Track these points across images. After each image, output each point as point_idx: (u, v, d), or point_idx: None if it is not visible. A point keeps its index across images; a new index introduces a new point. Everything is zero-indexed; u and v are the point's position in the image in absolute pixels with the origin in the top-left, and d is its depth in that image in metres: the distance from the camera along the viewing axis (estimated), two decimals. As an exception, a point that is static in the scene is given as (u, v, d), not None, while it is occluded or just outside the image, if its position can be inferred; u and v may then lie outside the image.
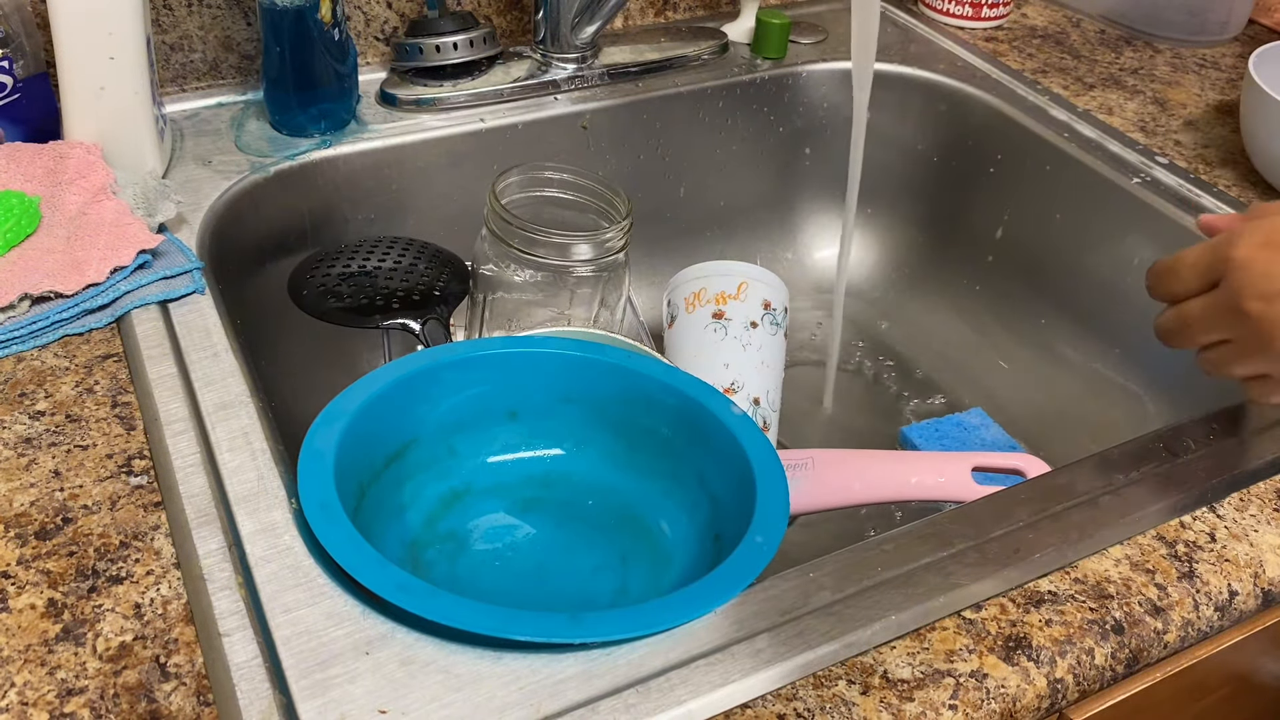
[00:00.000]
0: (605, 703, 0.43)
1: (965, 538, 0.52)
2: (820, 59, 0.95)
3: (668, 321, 0.80)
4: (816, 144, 0.97)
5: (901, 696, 0.45)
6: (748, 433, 0.56)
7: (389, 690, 0.43)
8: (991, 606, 0.49)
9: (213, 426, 0.54)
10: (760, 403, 0.74)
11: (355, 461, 0.53)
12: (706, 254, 0.93)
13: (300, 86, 0.76)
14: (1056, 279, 0.87)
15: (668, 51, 0.91)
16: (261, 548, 0.48)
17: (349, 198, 0.80)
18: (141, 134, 0.69)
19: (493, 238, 0.72)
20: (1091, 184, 0.83)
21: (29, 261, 0.62)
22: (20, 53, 0.70)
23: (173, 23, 0.80)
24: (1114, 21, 1.03)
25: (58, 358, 0.58)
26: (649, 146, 0.91)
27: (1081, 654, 0.48)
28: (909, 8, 1.04)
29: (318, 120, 0.78)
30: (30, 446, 0.53)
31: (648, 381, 0.60)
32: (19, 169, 0.67)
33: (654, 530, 0.58)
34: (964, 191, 0.94)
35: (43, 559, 0.47)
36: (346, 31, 0.78)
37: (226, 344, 0.59)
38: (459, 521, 0.57)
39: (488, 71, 0.86)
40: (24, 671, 0.43)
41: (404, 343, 0.72)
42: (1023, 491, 0.55)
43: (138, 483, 0.51)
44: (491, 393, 0.60)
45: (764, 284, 0.78)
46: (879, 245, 0.99)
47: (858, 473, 0.64)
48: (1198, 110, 0.90)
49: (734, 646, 0.46)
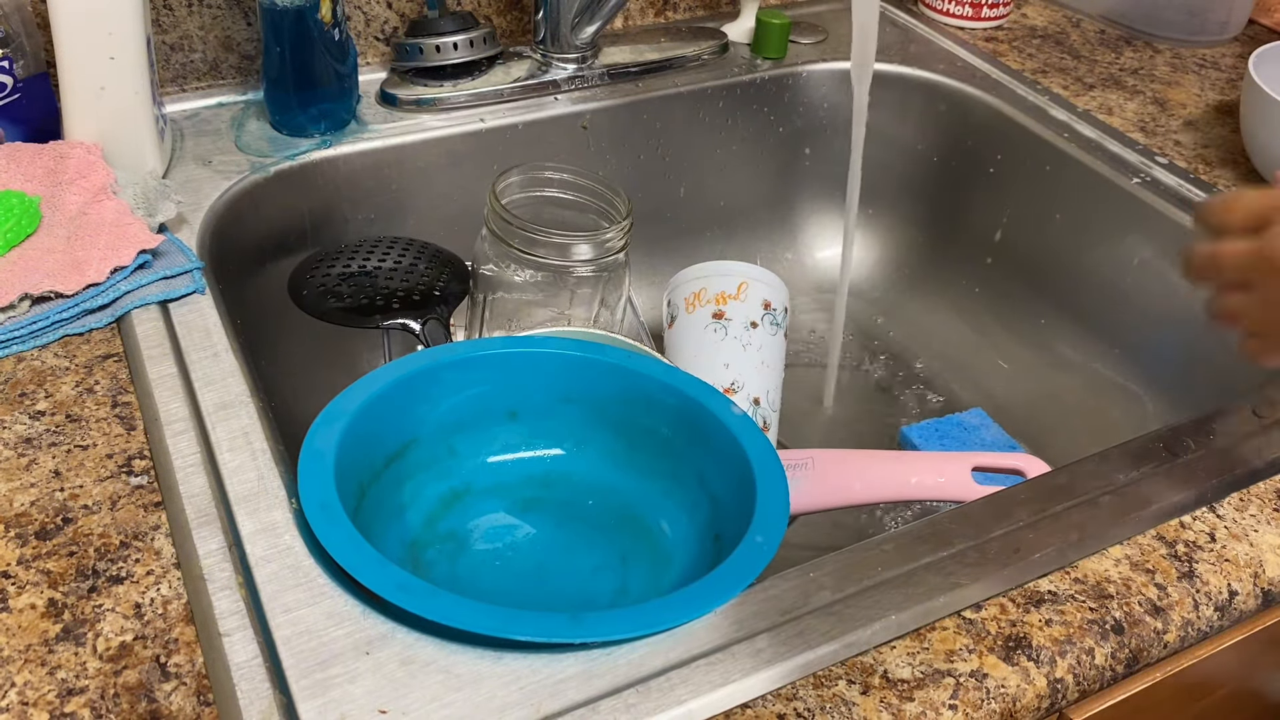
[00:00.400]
0: (605, 703, 0.43)
1: (965, 538, 0.52)
2: (820, 59, 0.95)
3: (668, 321, 0.80)
4: (816, 144, 0.97)
5: (901, 696, 0.45)
6: (748, 433, 0.56)
7: (389, 690, 0.43)
8: (991, 606, 0.49)
9: (213, 426, 0.54)
10: (760, 403, 0.74)
11: (355, 461, 0.53)
12: (706, 254, 0.93)
13: (300, 86, 0.76)
14: (1056, 279, 0.87)
15: (668, 51, 0.91)
16: (262, 548, 0.48)
17: (349, 198, 0.80)
18: (142, 134, 0.69)
19: (493, 238, 0.72)
20: (1091, 184, 0.83)
21: (29, 261, 0.62)
22: (20, 53, 0.70)
23: (173, 23, 0.80)
24: (1114, 21, 1.03)
25: (58, 358, 0.58)
26: (649, 146, 0.91)
27: (1081, 654, 0.48)
28: (909, 8, 1.04)
29: (318, 120, 0.78)
30: (30, 446, 0.53)
31: (648, 381, 0.60)
32: (19, 169, 0.67)
33: (654, 530, 0.58)
34: (964, 191, 0.94)
35: (43, 559, 0.47)
36: (347, 31, 0.78)
37: (226, 344, 0.59)
38: (459, 521, 0.57)
39: (488, 71, 0.86)
40: (24, 671, 0.43)
41: (404, 343, 0.72)
42: (1023, 491, 0.55)
43: (138, 483, 0.51)
44: (491, 393, 0.60)
45: (764, 284, 0.78)
46: (879, 245, 0.99)
47: (858, 473, 0.64)
48: (1198, 110, 0.90)
49: (734, 646, 0.46)
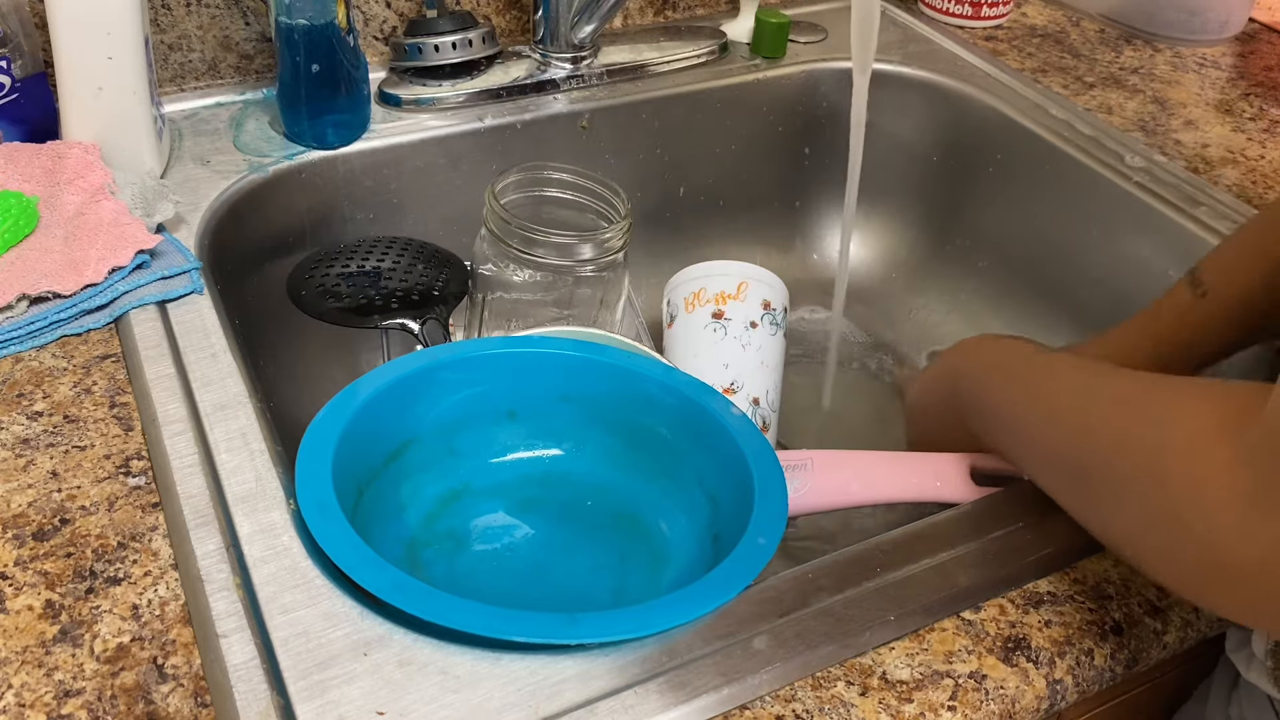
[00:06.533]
0: (604, 703, 0.43)
1: (965, 538, 0.52)
2: (820, 59, 0.95)
3: (667, 321, 0.80)
4: (816, 144, 0.97)
5: (900, 698, 0.45)
6: (747, 433, 0.56)
7: (387, 691, 0.43)
8: (991, 607, 0.49)
9: (211, 427, 0.54)
10: (760, 403, 0.74)
11: (354, 461, 0.53)
12: (706, 254, 0.93)
13: (319, 98, 0.76)
14: (1056, 279, 0.87)
15: (667, 51, 0.91)
16: (259, 548, 0.48)
17: (348, 197, 0.80)
18: (140, 134, 0.69)
19: (492, 238, 0.72)
20: (1091, 184, 0.82)
21: (27, 262, 0.61)
22: (18, 52, 0.70)
23: (171, 22, 0.80)
24: (1114, 21, 1.03)
25: (56, 358, 0.58)
26: (649, 146, 0.91)
27: (1081, 655, 0.47)
28: (909, 7, 1.04)
29: (337, 129, 0.78)
30: (28, 447, 0.52)
31: (647, 382, 0.60)
32: (17, 169, 0.67)
33: (653, 530, 0.58)
34: (964, 191, 0.93)
35: (40, 560, 0.47)
36: (358, 36, 0.78)
37: (225, 344, 0.59)
38: (458, 521, 0.57)
39: (487, 71, 0.86)
40: (21, 673, 0.43)
41: (403, 342, 0.72)
42: (1022, 492, 0.55)
43: (136, 483, 0.51)
44: (490, 393, 0.60)
45: (764, 284, 0.78)
46: (878, 244, 0.99)
47: (857, 473, 0.63)
48: (1198, 110, 0.89)
49: (733, 647, 0.46)
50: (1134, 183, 0.80)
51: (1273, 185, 0.80)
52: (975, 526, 0.53)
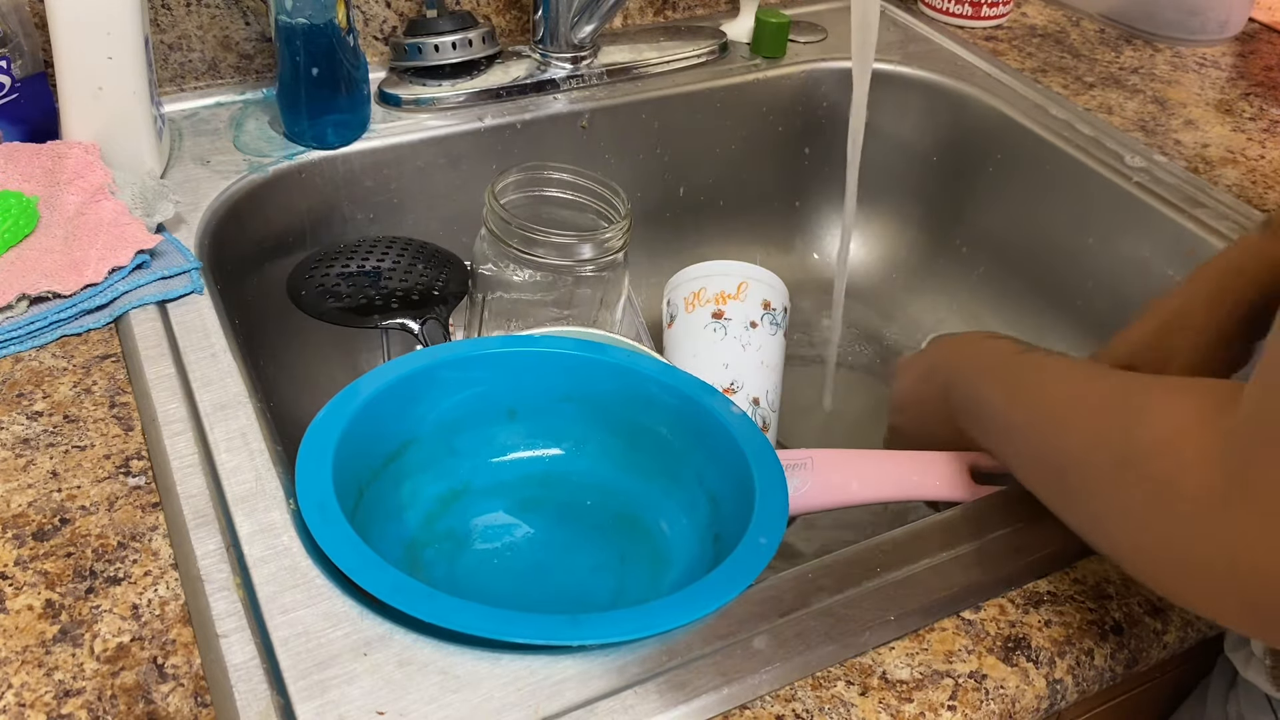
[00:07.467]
0: (604, 704, 0.43)
1: (965, 538, 0.52)
2: (820, 58, 0.95)
3: (667, 321, 0.80)
4: (816, 144, 0.97)
5: (900, 697, 0.45)
6: (747, 433, 0.56)
7: (387, 691, 0.43)
8: (991, 607, 0.49)
9: (211, 427, 0.54)
10: (760, 403, 0.74)
11: (354, 461, 0.53)
12: (706, 254, 0.93)
13: (319, 98, 0.76)
14: (1056, 279, 0.87)
15: (667, 51, 0.91)
16: (259, 548, 0.48)
17: (348, 197, 0.80)
18: (140, 134, 0.69)
19: (492, 238, 0.72)
20: (1091, 184, 0.82)
21: (27, 262, 0.61)
22: (18, 52, 0.70)
23: (171, 22, 0.80)
24: (1114, 21, 1.03)
25: (56, 358, 0.58)
26: (649, 146, 0.91)
27: (1081, 654, 0.47)
28: (909, 7, 1.04)
29: (336, 128, 0.78)
30: (28, 447, 0.52)
31: (647, 381, 0.60)
32: (17, 169, 0.67)
33: (653, 530, 0.58)
34: (964, 191, 0.93)
35: (40, 560, 0.47)
36: (357, 35, 0.78)
37: (225, 344, 0.59)
38: (458, 521, 0.57)
39: (487, 71, 0.86)
40: (21, 672, 0.43)
41: (403, 342, 0.72)
42: (1023, 491, 0.55)
43: (135, 483, 0.51)
44: (491, 392, 0.60)
45: (764, 284, 0.78)
46: (879, 245, 0.99)
47: (857, 472, 0.63)
48: (1198, 110, 0.89)
49: (733, 647, 0.46)
50: (1134, 183, 0.80)
51: (1273, 185, 0.80)
52: (975, 526, 0.52)
